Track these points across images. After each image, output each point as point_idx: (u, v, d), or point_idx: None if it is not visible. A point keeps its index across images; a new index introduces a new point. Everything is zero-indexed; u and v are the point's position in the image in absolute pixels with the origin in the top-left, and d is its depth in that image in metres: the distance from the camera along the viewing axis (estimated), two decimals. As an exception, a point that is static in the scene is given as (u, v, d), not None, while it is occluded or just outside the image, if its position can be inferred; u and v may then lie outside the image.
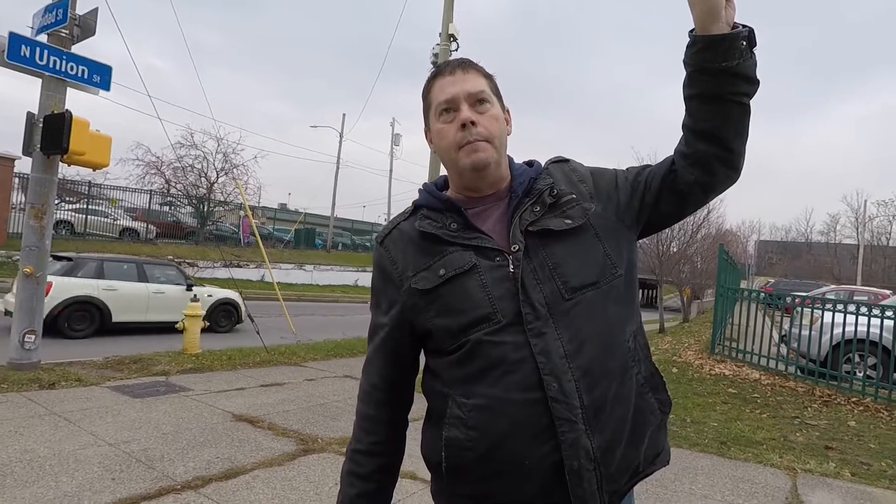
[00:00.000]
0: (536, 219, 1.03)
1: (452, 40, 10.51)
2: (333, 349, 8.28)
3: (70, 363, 5.93)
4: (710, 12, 0.90)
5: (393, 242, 1.11)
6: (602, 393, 0.96)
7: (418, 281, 1.04)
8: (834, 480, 3.89)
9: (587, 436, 0.94)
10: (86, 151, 5.48)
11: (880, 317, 6.47)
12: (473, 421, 0.96)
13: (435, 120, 1.08)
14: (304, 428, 4.37)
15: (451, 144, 1.05)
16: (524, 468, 0.94)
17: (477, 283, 0.99)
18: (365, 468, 1.10)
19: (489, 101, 1.07)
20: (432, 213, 1.08)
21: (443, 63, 1.10)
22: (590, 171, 1.14)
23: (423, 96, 1.13)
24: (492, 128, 1.05)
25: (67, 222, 18.90)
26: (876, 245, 43.65)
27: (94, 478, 3.12)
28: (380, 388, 1.11)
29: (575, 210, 1.05)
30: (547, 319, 0.96)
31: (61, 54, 5.54)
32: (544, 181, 1.09)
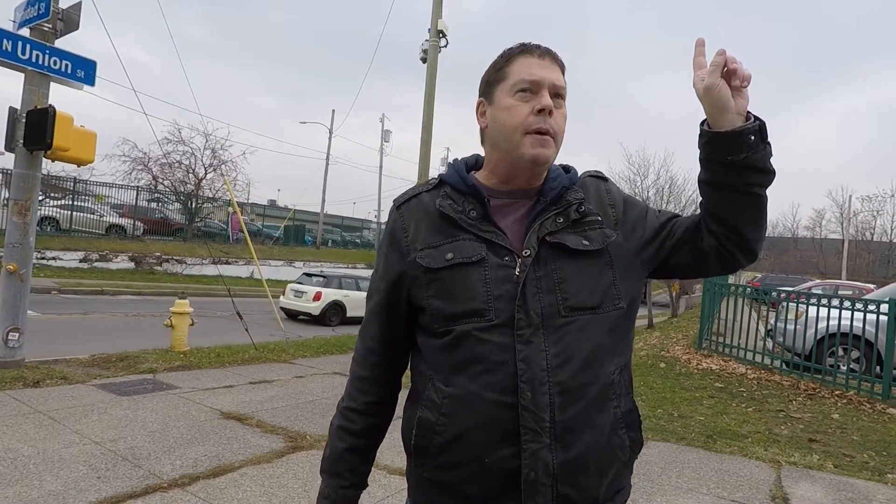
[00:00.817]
0: (556, 230, 1.01)
1: (441, 36, 10.48)
2: (323, 346, 8.26)
3: (55, 361, 5.86)
4: (716, 107, 0.93)
5: (409, 210, 1.09)
6: (576, 415, 0.95)
7: (424, 257, 1.03)
8: (817, 472, 3.96)
9: (550, 450, 0.94)
10: (70, 147, 5.39)
11: (863, 311, 6.58)
12: (447, 408, 0.99)
13: (506, 95, 1.03)
14: (293, 425, 4.36)
15: (519, 125, 1.00)
16: (483, 465, 0.96)
17: (480, 277, 0.99)
18: (357, 425, 1.13)
19: (563, 99, 1.05)
20: (455, 193, 1.06)
21: (528, 42, 1.06)
22: (623, 197, 1.12)
23: (498, 67, 1.06)
24: (560, 126, 1.04)
25: (52, 219, 18.64)
26: (860, 240, 44.29)
27: (79, 477, 3.09)
28: (375, 352, 1.13)
29: (596, 233, 1.04)
30: (538, 329, 0.96)
31: (44, 49, 5.45)
32: (576, 194, 1.06)
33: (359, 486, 1.14)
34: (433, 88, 10.48)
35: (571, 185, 1.08)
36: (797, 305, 7.45)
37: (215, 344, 7.56)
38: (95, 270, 17.45)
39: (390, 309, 1.09)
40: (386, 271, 1.09)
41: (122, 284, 15.53)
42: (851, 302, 6.84)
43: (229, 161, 24.62)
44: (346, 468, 1.12)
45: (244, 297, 14.12)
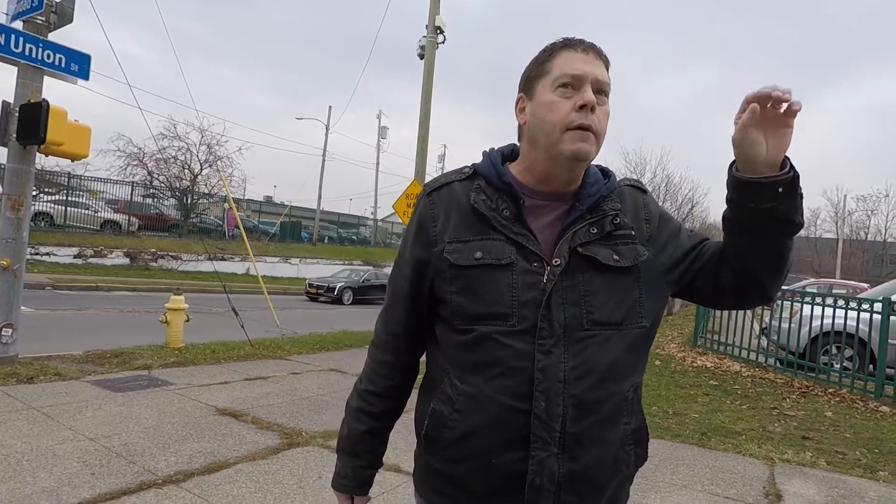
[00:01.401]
0: (588, 241, 1.00)
1: (439, 32, 10.47)
2: (319, 343, 8.25)
3: (49, 357, 5.83)
4: (745, 159, 0.93)
5: (440, 199, 1.06)
6: (587, 428, 0.96)
7: (452, 252, 1.01)
8: (810, 469, 3.98)
9: (557, 459, 0.95)
10: (64, 142, 5.36)
11: (857, 309, 6.61)
12: (460, 405, 1.00)
13: (548, 90, 0.99)
14: (289, 422, 4.35)
15: (560, 121, 0.97)
16: (490, 465, 0.97)
17: (507, 281, 0.97)
18: (376, 408, 1.15)
19: (607, 96, 1.02)
20: (489, 188, 1.03)
21: (572, 37, 1.03)
22: (659, 213, 1.10)
23: (539, 62, 1.03)
24: (603, 123, 1.00)
25: (46, 214, 18.53)
26: (855, 239, 44.54)
27: (73, 473, 3.07)
28: (399, 337, 1.13)
29: (628, 248, 1.02)
30: (559, 340, 0.95)
31: (37, 42, 5.40)
32: (613, 204, 1.04)
33: (375, 465, 1.18)
34: (430, 85, 10.46)
35: (609, 194, 1.05)
36: (791, 304, 7.49)
37: (211, 340, 7.54)
38: (90, 266, 17.37)
39: (415, 296, 1.08)
40: (413, 258, 1.07)
41: (116, 280, 15.47)
42: (845, 301, 6.88)
43: (225, 157, 24.60)
44: (364, 448, 1.16)
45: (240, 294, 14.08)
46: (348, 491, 1.17)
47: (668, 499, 3.31)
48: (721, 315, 8.64)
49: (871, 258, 44.31)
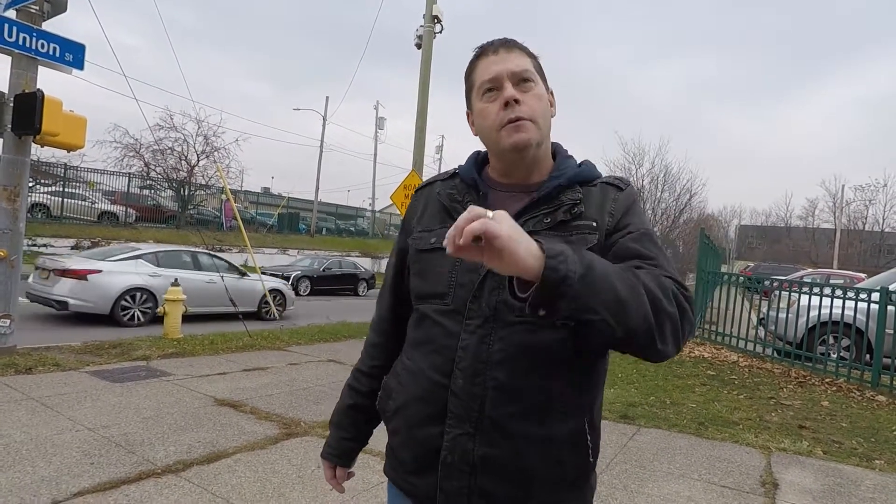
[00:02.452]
0: (537, 230, 0.99)
1: (436, 22, 10.38)
2: (317, 334, 8.26)
3: (47, 348, 5.83)
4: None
5: (422, 196, 1.17)
6: (508, 416, 0.96)
7: (415, 239, 1.12)
8: (807, 458, 4.01)
9: (472, 440, 0.97)
10: (59, 132, 5.32)
11: (854, 299, 6.63)
12: (402, 378, 1.08)
13: (478, 100, 1.07)
14: (287, 412, 4.37)
15: (493, 124, 1.03)
16: (415, 437, 1.03)
17: (450, 264, 1.03)
18: (363, 386, 1.22)
19: (533, 81, 1.05)
20: (461, 185, 1.11)
21: (486, 43, 1.09)
22: (627, 207, 1.04)
23: (466, 77, 1.11)
24: (536, 107, 1.03)
25: (43, 205, 18.45)
26: (852, 229, 44.60)
27: (72, 462, 3.08)
28: (386, 320, 1.22)
29: (579, 238, 1.00)
30: (486, 322, 0.98)
31: (31, 31, 5.34)
32: (572, 195, 1.03)
33: (359, 440, 1.25)
34: (428, 75, 10.40)
35: (571, 185, 1.04)
36: (789, 294, 7.51)
37: (209, 331, 7.54)
38: (88, 258, 17.32)
39: (397, 281, 1.18)
40: (397, 248, 1.19)
41: (114, 272, 15.42)
42: (843, 291, 6.89)
43: (222, 148, 24.41)
44: (348, 422, 1.24)
45: (238, 285, 14.07)
46: (331, 460, 1.26)
47: (665, 487, 3.33)
48: (719, 305, 8.66)
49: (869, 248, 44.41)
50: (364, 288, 19.36)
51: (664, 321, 0.85)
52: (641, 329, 0.83)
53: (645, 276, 0.87)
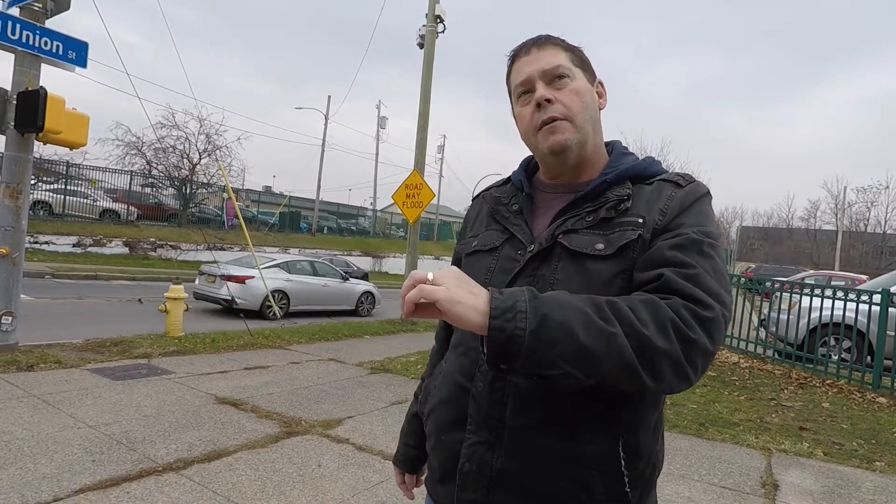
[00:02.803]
0: (575, 229, 0.94)
1: (439, 21, 10.38)
2: (318, 333, 8.26)
3: (49, 345, 5.84)
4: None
5: (478, 203, 1.18)
6: (528, 427, 0.89)
7: (464, 244, 1.13)
8: (807, 460, 4.00)
9: (491, 450, 0.91)
10: (62, 130, 5.32)
11: (856, 301, 6.62)
12: (437, 380, 1.08)
13: (515, 104, 1.05)
14: (288, 411, 4.37)
15: (528, 128, 1.00)
16: (441, 441, 1.01)
17: (487, 266, 1.01)
18: (423, 393, 1.22)
19: (568, 76, 0.98)
20: (510, 188, 1.10)
21: (519, 45, 1.05)
22: (683, 208, 0.92)
23: (506, 81, 1.08)
24: (572, 104, 0.97)
25: (45, 203, 18.48)
26: (854, 231, 44.56)
27: (73, 459, 3.09)
28: (442, 327, 1.24)
29: (616, 235, 0.91)
30: None
31: (34, 29, 5.35)
32: (620, 191, 0.95)
33: (422, 448, 1.19)
34: (430, 75, 10.39)
35: (620, 181, 0.96)
36: (790, 295, 7.50)
37: (210, 329, 7.55)
38: (89, 255, 17.36)
39: None
40: (455, 255, 1.18)
41: (116, 269, 15.46)
42: (844, 292, 6.88)
43: (224, 146, 24.42)
44: (412, 429, 1.24)
45: (239, 284, 14.08)
46: (398, 466, 1.26)
47: (665, 488, 3.33)
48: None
49: (871, 250, 44.35)
50: None
51: (656, 360, 0.76)
52: (620, 374, 0.76)
53: (638, 308, 0.77)
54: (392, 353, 7.17)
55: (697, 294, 0.81)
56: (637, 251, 0.89)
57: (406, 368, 6.28)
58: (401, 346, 7.74)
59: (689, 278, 0.82)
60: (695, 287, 0.81)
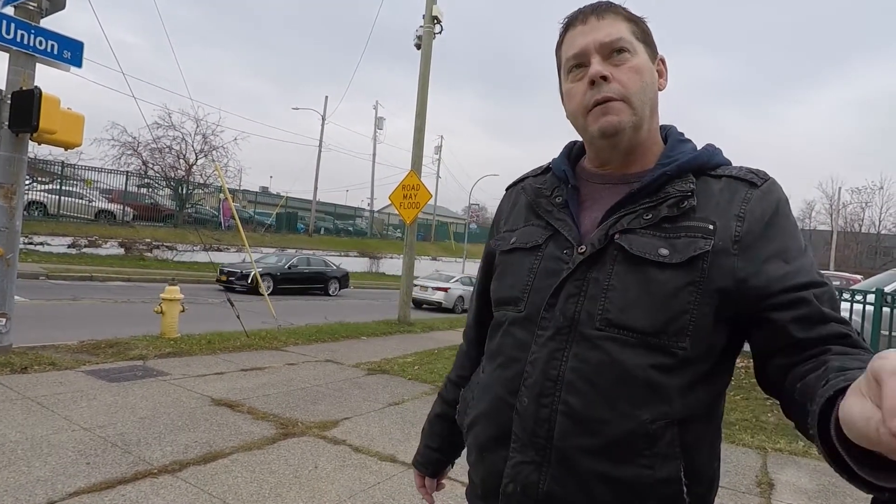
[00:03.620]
0: (633, 228, 0.84)
1: (436, 22, 10.38)
2: (315, 334, 8.24)
3: (43, 347, 5.80)
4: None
5: (511, 194, 1.07)
6: (580, 450, 0.80)
7: (499, 240, 1.01)
8: (802, 459, 4.02)
9: (538, 470, 0.83)
10: (57, 130, 5.30)
11: (850, 301, 6.65)
12: (476, 392, 0.98)
13: (565, 80, 0.93)
14: (285, 412, 4.36)
15: (578, 107, 0.89)
16: (483, 456, 0.93)
17: (529, 265, 0.91)
18: (450, 395, 1.15)
19: (629, 51, 0.87)
20: (552, 179, 0.98)
21: (574, 11, 0.93)
22: (770, 217, 0.82)
23: (555, 53, 0.96)
24: (630, 83, 0.86)
25: (40, 203, 18.40)
26: (849, 231, 44.77)
27: (67, 462, 3.07)
28: (472, 327, 1.15)
29: (688, 242, 0.80)
30: (561, 334, 0.84)
31: (29, 28, 5.33)
32: (682, 185, 0.84)
33: (444, 451, 1.16)
34: (427, 75, 10.39)
35: (682, 174, 0.86)
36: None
37: (206, 331, 7.53)
38: (84, 256, 17.28)
39: (484, 286, 1.08)
40: (486, 251, 1.09)
41: (111, 270, 15.40)
42: (839, 292, 6.91)
43: (221, 147, 24.39)
44: (435, 431, 1.17)
45: (235, 284, 14.05)
46: (419, 469, 1.20)
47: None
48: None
49: (866, 250, 44.59)
50: (335, 287, 18.12)
51: None
52: None
53: None
54: (389, 354, 7.17)
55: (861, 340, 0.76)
56: (708, 262, 0.79)
57: (403, 369, 6.27)
58: (398, 347, 7.73)
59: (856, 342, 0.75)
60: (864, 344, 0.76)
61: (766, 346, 0.81)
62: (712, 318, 0.80)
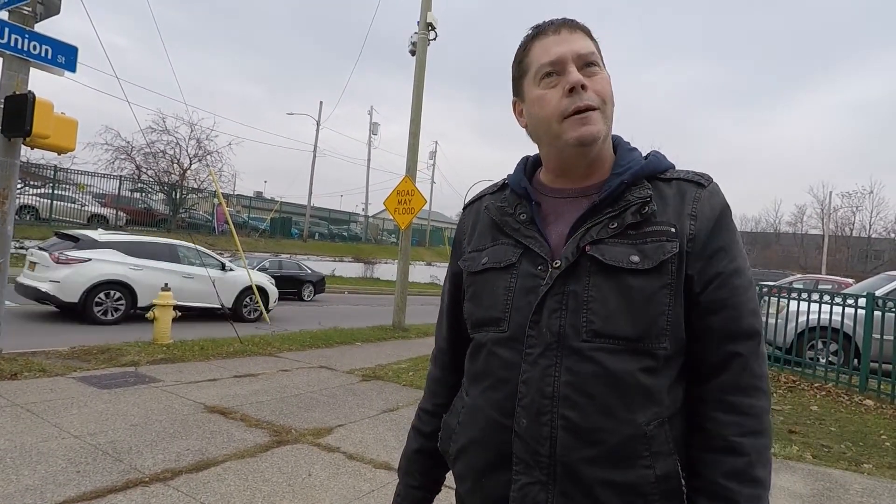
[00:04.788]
0: (602, 238, 0.86)
1: (431, 29, 10.41)
2: (309, 340, 8.21)
3: (34, 353, 5.75)
4: None
5: (471, 212, 1.07)
6: (584, 462, 0.82)
7: (466, 260, 1.01)
8: (796, 463, 4.03)
9: (545, 489, 0.84)
10: (50, 134, 5.28)
11: (842, 305, 6.70)
12: (462, 417, 0.97)
13: (533, 86, 0.93)
14: (278, 419, 4.33)
15: (553, 113, 0.89)
16: (481, 485, 0.91)
17: (506, 284, 0.92)
18: (427, 426, 1.10)
19: (598, 65, 0.91)
20: (511, 195, 0.99)
21: (543, 22, 0.96)
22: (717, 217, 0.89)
23: (518, 60, 0.97)
24: (604, 93, 0.90)
25: (32, 207, 18.28)
26: (840, 235, 45.14)
27: (57, 471, 3.03)
28: (444, 352, 1.12)
29: (656, 247, 0.85)
30: (549, 350, 0.85)
31: (23, 33, 5.30)
32: (640, 192, 0.88)
33: (429, 488, 1.11)
34: (422, 81, 10.42)
35: (637, 181, 0.90)
36: (778, 300, 7.56)
37: (199, 337, 7.48)
38: (76, 261, 17.12)
39: (455, 308, 1.07)
40: (450, 272, 1.09)
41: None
42: (831, 296, 6.96)
43: (215, 152, 24.34)
44: (416, 468, 1.11)
45: (229, 290, 13.96)
46: None
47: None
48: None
49: (856, 254, 44.97)
50: (310, 292, 17.17)
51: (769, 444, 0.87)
52: None
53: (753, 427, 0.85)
54: (383, 360, 7.14)
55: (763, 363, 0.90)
56: (675, 264, 0.85)
57: (397, 375, 6.25)
58: (392, 353, 7.70)
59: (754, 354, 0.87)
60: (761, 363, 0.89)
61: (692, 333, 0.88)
62: (682, 315, 0.86)
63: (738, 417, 0.85)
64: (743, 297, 0.87)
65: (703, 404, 0.88)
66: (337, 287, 22.10)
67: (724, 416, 0.85)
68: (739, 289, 0.87)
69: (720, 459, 0.84)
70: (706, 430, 0.86)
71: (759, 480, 0.84)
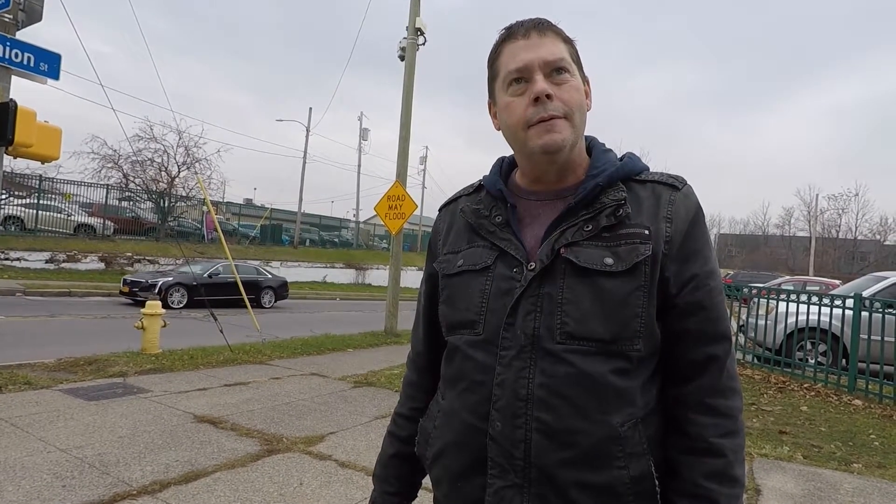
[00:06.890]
0: (577, 241, 0.87)
1: (419, 34, 10.45)
2: (300, 347, 8.14)
3: (19, 366, 5.65)
4: None
5: (447, 214, 1.07)
6: (559, 464, 0.82)
7: (441, 262, 1.01)
8: (787, 463, 4.05)
9: (521, 493, 0.84)
10: (33, 143, 5.21)
11: (830, 306, 6.77)
12: (438, 421, 0.96)
13: (502, 92, 0.93)
14: (269, 428, 4.28)
15: (519, 121, 0.89)
16: (458, 489, 0.91)
17: (481, 287, 0.91)
18: (404, 431, 1.09)
19: (569, 71, 0.90)
20: (487, 197, 0.98)
21: (514, 23, 0.93)
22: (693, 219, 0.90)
23: (490, 63, 0.96)
24: (572, 102, 0.89)
25: (17, 218, 18.03)
26: (827, 237, 45.76)
27: (42, 486, 2.97)
28: (421, 355, 1.11)
29: (630, 249, 0.85)
30: (523, 352, 0.85)
31: (4, 40, 5.24)
32: (615, 194, 0.88)
33: (406, 495, 1.10)
34: (411, 87, 10.43)
35: (612, 183, 0.90)
36: (767, 301, 7.63)
37: (189, 346, 7.39)
38: (63, 271, 16.92)
39: (431, 311, 1.06)
40: (426, 274, 1.08)
41: (90, 285, 15.09)
42: (819, 297, 7.03)
43: (204, 159, 24.14)
44: (392, 474, 1.10)
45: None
46: None
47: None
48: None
49: (843, 255, 45.58)
50: (270, 298, 15.95)
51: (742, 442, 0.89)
52: None
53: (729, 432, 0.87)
54: (375, 366, 7.10)
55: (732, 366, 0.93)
56: (649, 266, 0.85)
57: (390, 381, 6.22)
58: (384, 359, 7.67)
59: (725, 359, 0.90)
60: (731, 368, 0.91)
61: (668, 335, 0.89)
62: (655, 316, 0.87)
63: (717, 419, 0.86)
64: (718, 298, 0.90)
65: (682, 407, 0.88)
66: (328, 294, 22.00)
67: (704, 418, 0.86)
68: (714, 290, 0.89)
69: (700, 461, 0.85)
70: (687, 432, 0.87)
71: (738, 479, 0.86)
